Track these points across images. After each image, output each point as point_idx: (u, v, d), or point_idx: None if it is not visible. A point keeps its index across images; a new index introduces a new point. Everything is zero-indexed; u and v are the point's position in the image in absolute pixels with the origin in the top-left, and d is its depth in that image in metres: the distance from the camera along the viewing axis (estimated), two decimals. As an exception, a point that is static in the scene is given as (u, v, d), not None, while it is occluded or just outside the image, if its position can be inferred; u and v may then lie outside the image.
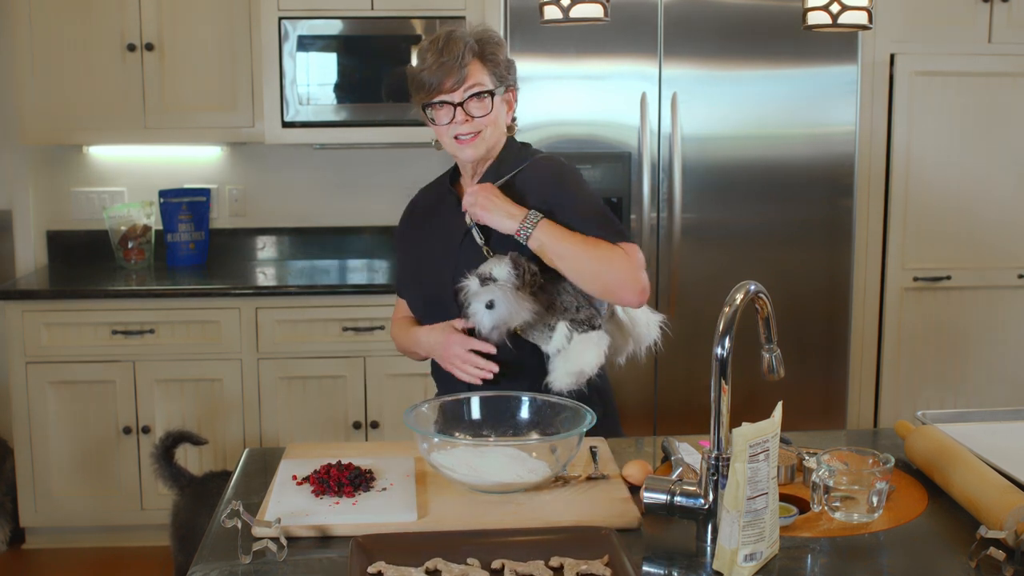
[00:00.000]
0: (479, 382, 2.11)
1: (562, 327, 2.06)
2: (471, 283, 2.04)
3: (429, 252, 2.23)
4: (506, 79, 2.15)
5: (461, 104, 2.08)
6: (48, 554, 3.75)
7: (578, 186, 2.15)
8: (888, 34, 3.74)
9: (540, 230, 2.03)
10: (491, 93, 2.10)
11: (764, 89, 3.64)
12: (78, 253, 4.19)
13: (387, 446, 2.09)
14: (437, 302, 2.18)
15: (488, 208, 2.06)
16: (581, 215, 2.08)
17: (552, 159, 2.19)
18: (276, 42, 3.71)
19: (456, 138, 2.11)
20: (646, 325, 2.18)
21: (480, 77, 2.09)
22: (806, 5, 2.08)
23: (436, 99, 2.08)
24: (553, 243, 2.02)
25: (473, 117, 2.09)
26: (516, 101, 2.21)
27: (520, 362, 2.13)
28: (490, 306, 2.01)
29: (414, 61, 2.16)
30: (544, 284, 2.06)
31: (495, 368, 2.10)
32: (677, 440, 2.01)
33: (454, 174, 2.30)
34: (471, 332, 2.12)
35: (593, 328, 2.07)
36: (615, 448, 2.05)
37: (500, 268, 2.02)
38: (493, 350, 2.10)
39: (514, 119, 2.24)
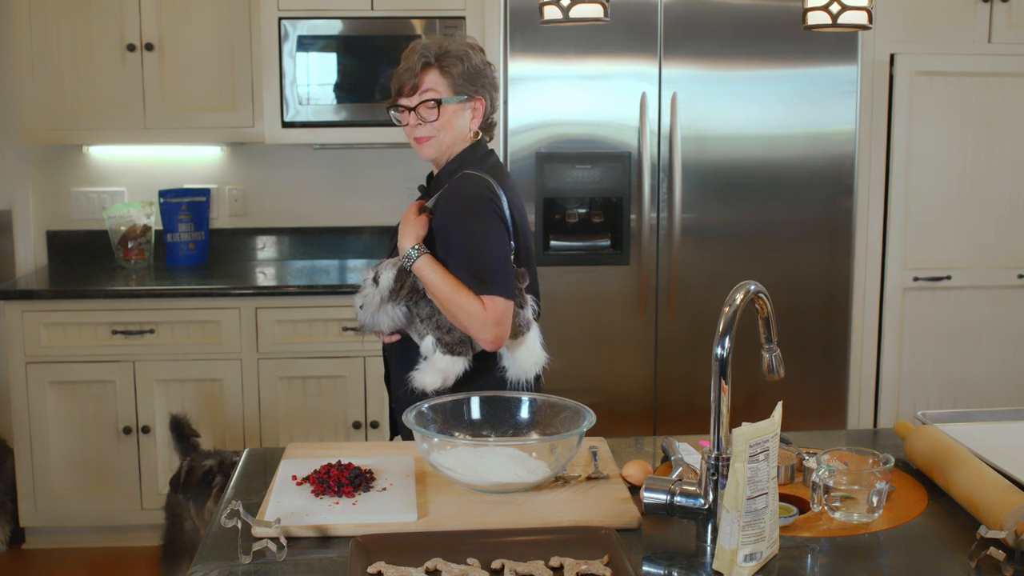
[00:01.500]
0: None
1: (430, 339, 2.24)
2: (368, 275, 2.24)
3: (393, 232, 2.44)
4: (467, 89, 2.29)
5: (414, 109, 2.27)
6: (48, 554, 3.75)
7: (474, 222, 2.23)
8: (888, 34, 3.74)
9: (419, 264, 2.21)
10: (438, 102, 2.25)
11: (764, 89, 3.64)
12: (78, 253, 4.19)
13: (387, 446, 2.09)
14: None
15: (401, 227, 2.28)
16: (458, 252, 2.22)
17: (473, 183, 2.26)
18: (276, 42, 3.71)
19: (415, 139, 2.31)
20: (522, 363, 2.29)
21: (436, 86, 2.27)
22: (806, 5, 2.08)
23: (395, 103, 2.31)
24: (425, 278, 2.21)
25: (424, 122, 2.27)
26: (486, 109, 2.34)
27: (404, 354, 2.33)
28: (361, 307, 2.23)
29: None
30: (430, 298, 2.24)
31: (392, 339, 2.32)
32: (677, 440, 2.01)
33: None
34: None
35: (453, 353, 2.22)
36: (615, 448, 2.05)
37: (387, 274, 2.21)
38: (389, 340, 2.33)
39: (493, 124, 2.38)
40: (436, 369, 2.21)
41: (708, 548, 1.59)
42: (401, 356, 2.34)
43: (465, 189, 2.26)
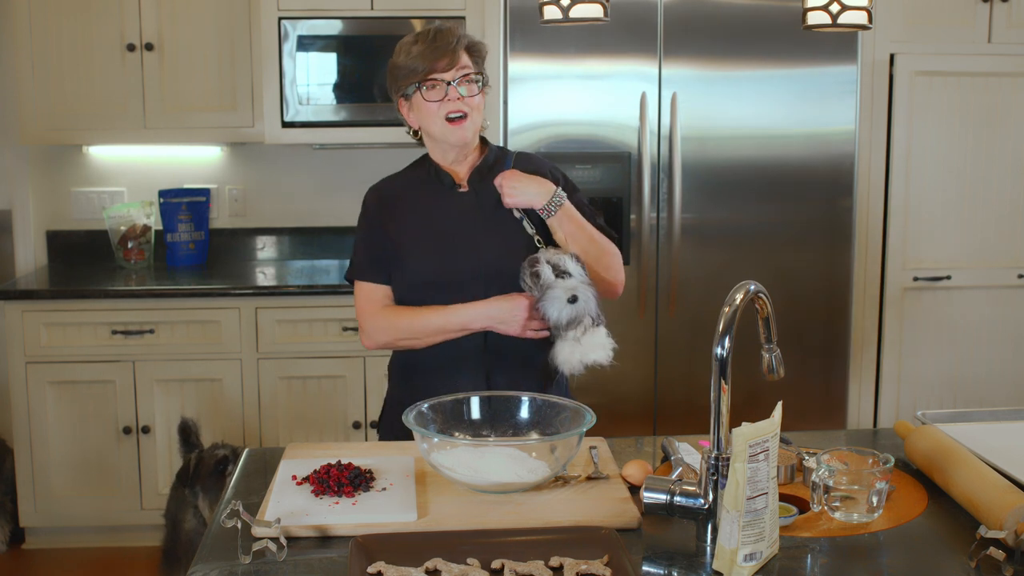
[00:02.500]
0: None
1: (587, 319, 2.15)
2: (545, 270, 2.09)
3: (424, 235, 2.23)
4: (486, 78, 2.24)
5: (453, 83, 2.14)
6: (48, 554, 3.75)
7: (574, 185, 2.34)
8: (888, 34, 3.74)
9: (564, 210, 2.17)
10: (481, 76, 2.18)
11: (764, 89, 3.64)
12: (78, 253, 4.19)
13: (387, 446, 2.09)
14: (435, 285, 2.20)
15: (517, 186, 2.17)
16: (584, 206, 2.25)
17: (543, 159, 2.36)
18: (276, 42, 3.71)
19: (448, 120, 2.15)
20: (599, 346, 2.19)
21: (469, 64, 2.19)
22: (806, 5, 2.08)
23: (429, 77, 2.14)
24: (572, 225, 2.18)
25: (463, 97, 2.15)
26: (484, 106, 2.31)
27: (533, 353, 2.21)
28: (572, 300, 2.09)
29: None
30: None
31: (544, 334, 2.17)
32: (677, 440, 2.01)
33: (428, 166, 2.29)
34: None
35: (605, 325, 2.19)
36: (615, 448, 2.05)
37: (571, 264, 2.11)
38: (546, 334, 2.16)
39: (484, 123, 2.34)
40: (603, 343, 2.16)
41: (708, 548, 1.59)
42: (509, 351, 2.21)
43: (547, 162, 2.32)
